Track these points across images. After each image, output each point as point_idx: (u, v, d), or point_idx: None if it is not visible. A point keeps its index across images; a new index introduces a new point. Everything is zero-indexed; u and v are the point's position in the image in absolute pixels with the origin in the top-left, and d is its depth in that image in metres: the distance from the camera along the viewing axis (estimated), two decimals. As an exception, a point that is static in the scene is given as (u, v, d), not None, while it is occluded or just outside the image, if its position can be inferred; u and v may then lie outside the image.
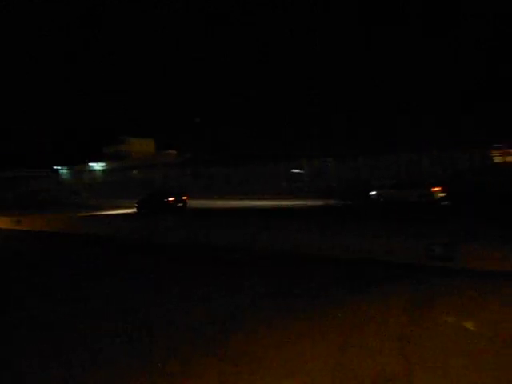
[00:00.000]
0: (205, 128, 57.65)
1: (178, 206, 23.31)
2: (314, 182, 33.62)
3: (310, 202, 22.66)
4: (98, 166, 63.19)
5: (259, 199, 27.62)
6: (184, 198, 24.27)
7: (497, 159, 30.41)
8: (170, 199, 23.53)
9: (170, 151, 59.32)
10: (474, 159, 30.12)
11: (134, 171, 53.34)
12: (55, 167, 70.43)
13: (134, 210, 24.21)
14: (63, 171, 68.92)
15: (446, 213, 15.55)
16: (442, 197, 19.38)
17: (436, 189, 19.79)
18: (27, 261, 9.52)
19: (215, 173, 41.31)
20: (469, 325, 4.17)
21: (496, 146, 30.32)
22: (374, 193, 21.04)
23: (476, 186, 22.06)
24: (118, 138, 64.70)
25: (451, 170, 28.64)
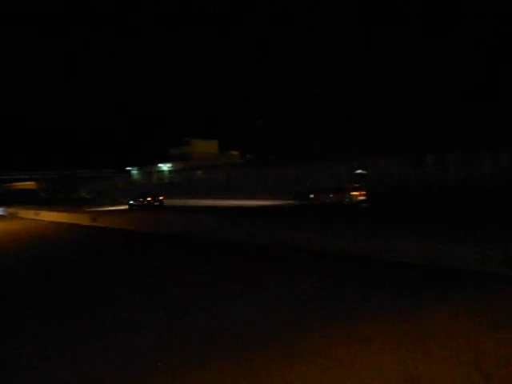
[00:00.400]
0: (267, 129, 58.03)
1: (155, 205, 29.78)
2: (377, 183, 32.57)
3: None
4: (165, 166, 66.10)
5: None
6: (160, 198, 30.86)
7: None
8: (149, 199, 30.22)
9: (233, 152, 60.47)
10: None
11: (199, 171, 55.08)
12: (127, 168, 74.84)
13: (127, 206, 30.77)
14: (134, 171, 73.03)
15: (361, 213, 18.43)
16: (361, 200, 24.01)
17: (355, 193, 24.35)
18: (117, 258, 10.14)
19: (279, 173, 41.45)
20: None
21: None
22: (312, 196, 26.36)
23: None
24: (183, 139, 67.21)
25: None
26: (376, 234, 8.40)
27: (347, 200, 23.88)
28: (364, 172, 37.72)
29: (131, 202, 30.78)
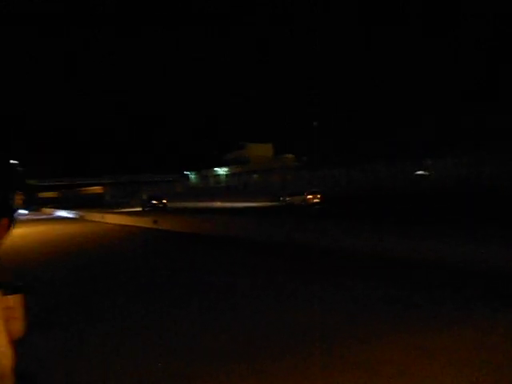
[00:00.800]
0: (322, 131, 57.39)
1: (160, 206, 35.94)
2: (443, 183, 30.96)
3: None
4: (221, 170, 67.48)
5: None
6: (164, 201, 37.27)
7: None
8: (154, 202, 36.79)
9: (288, 155, 60.37)
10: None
11: (254, 175, 55.59)
12: (185, 172, 77.43)
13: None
14: (192, 176, 75.34)
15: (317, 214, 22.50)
16: (315, 202, 30.40)
17: (310, 196, 31.06)
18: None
19: (332, 174, 40.80)
20: None
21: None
22: (281, 198, 33.66)
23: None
24: (239, 143, 68.22)
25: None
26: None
27: (303, 203, 30.51)
28: (426, 173, 36.07)
29: (144, 204, 37.67)
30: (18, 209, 0.87)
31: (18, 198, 0.86)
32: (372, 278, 6.68)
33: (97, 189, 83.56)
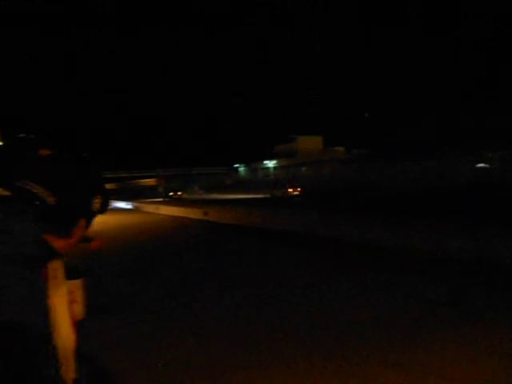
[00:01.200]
0: (374, 123, 55.74)
1: (174, 197, 45.28)
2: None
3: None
4: (270, 163, 67.63)
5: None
6: (179, 193, 48.07)
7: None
8: (171, 193, 47.69)
9: (338, 148, 59.33)
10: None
11: (303, 168, 55.23)
12: (235, 165, 78.51)
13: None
14: (241, 169, 76.21)
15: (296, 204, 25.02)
16: (295, 194, 35.28)
17: (290, 190, 36.08)
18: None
19: (379, 167, 39.57)
20: None
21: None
22: (275, 191, 38.17)
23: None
24: (289, 136, 68.06)
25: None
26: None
27: (285, 195, 35.24)
28: (488, 166, 34.07)
29: (166, 194, 48.23)
30: (97, 212, 0.97)
31: (97, 202, 0.94)
32: (424, 275, 6.46)
33: (150, 181, 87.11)
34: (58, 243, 0.86)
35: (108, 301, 5.72)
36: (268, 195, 38.77)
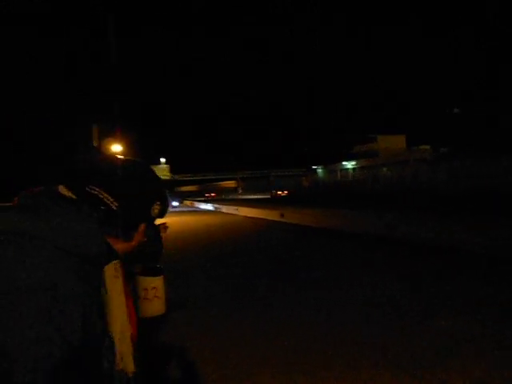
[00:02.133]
0: (465, 119, 51.64)
1: (210, 199, 50.49)
2: None
3: None
4: (349, 164, 65.92)
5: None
6: (212, 194, 66.67)
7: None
8: (207, 195, 69.11)
9: (423, 147, 55.91)
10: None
11: (384, 168, 52.99)
12: (313, 166, 77.79)
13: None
14: (319, 170, 75.28)
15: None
16: (284, 195, 57.40)
17: (279, 192, 61.07)
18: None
19: (467, 166, 36.34)
20: None
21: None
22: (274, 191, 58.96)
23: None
24: (368, 136, 65.79)
25: None
26: None
27: (275, 195, 52.43)
28: None
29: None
30: (156, 217, 1.02)
31: (156, 208, 1.00)
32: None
33: (230, 183, 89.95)
34: (119, 246, 0.94)
35: (192, 296, 6.05)
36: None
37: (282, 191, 58.86)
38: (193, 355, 3.88)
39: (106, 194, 0.90)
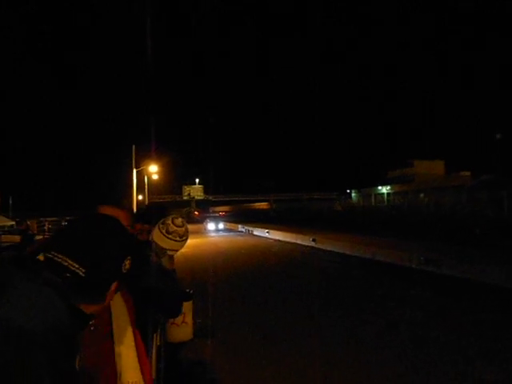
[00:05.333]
0: (507, 144, 49.75)
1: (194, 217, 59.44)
2: None
3: None
4: (384, 189, 64.66)
5: None
6: (196, 212, 71.22)
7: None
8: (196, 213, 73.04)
9: (463, 173, 54.09)
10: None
11: (421, 194, 51.55)
12: (348, 190, 76.77)
13: None
14: (353, 194, 74.13)
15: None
16: (272, 210, 79.60)
17: (266, 205, 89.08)
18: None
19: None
20: None
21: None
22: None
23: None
24: (405, 161, 64.56)
25: None
26: None
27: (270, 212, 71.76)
28: None
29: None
30: (127, 273, 0.95)
31: (127, 264, 0.93)
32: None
33: (263, 205, 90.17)
34: (92, 309, 0.89)
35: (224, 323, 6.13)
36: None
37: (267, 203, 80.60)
38: None
39: (70, 261, 0.83)
